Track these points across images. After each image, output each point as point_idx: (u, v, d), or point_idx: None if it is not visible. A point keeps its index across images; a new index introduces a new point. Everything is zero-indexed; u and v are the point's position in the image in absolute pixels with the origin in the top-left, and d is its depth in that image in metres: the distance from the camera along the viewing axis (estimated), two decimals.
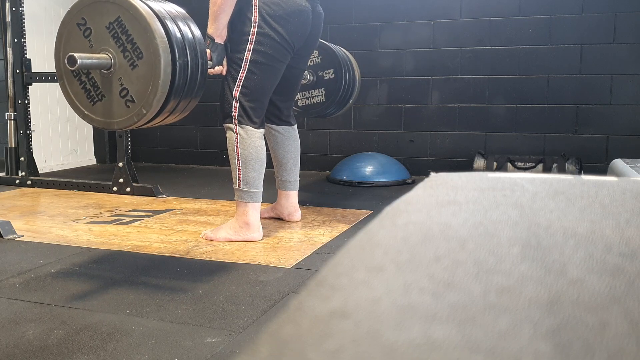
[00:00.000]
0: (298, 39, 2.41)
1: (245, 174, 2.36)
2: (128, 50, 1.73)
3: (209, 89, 4.66)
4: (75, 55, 1.69)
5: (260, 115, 2.41)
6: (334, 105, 3.15)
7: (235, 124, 2.35)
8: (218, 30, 2.29)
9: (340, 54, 3.14)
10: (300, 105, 3.15)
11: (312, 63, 3.06)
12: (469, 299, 0.31)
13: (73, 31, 1.81)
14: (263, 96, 2.41)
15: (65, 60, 1.71)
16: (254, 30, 2.30)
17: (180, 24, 1.84)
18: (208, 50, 2.28)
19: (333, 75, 3.08)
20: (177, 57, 1.76)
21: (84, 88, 1.80)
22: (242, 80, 2.34)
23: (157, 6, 1.80)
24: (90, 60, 1.73)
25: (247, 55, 2.32)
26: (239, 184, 2.37)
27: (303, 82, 2.97)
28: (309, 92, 3.14)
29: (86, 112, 1.80)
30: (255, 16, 2.29)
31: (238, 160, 2.36)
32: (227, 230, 2.41)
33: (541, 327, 0.28)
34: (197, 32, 1.92)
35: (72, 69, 1.72)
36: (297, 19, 2.37)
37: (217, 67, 2.34)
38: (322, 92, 3.12)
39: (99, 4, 1.78)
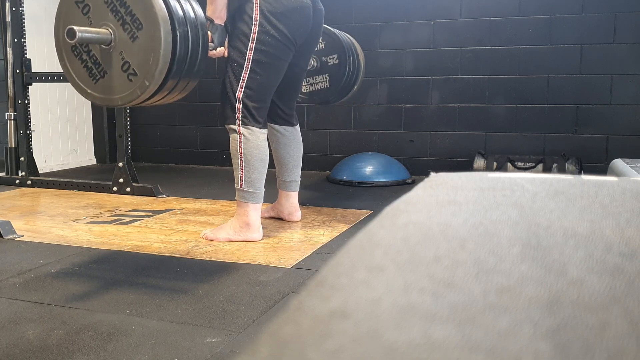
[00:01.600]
0: (300, 35, 2.40)
1: (248, 174, 2.35)
2: (127, 23, 1.73)
3: (210, 89, 4.67)
4: (75, 28, 1.68)
5: (263, 115, 2.41)
6: (338, 92, 3.12)
7: (239, 125, 2.34)
8: (217, 11, 2.27)
9: (345, 39, 3.11)
10: (305, 91, 3.11)
11: (316, 49, 3.04)
12: (469, 299, 0.31)
13: (71, 9, 1.81)
14: (266, 96, 2.40)
15: (65, 33, 1.70)
16: (255, 29, 2.29)
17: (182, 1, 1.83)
18: (209, 33, 2.26)
19: (337, 60, 3.05)
20: (176, 26, 1.75)
21: (85, 66, 1.79)
22: (246, 81, 2.32)
23: None
24: (89, 34, 1.72)
25: (249, 54, 2.30)
26: (241, 184, 2.37)
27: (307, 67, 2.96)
28: (312, 78, 3.11)
29: (89, 91, 1.79)
30: (256, 14, 2.28)
31: (241, 160, 2.35)
32: (227, 230, 2.41)
33: (541, 327, 0.28)
34: (197, 6, 1.92)
35: (72, 42, 1.70)
36: (299, 15, 2.36)
37: (218, 49, 2.33)
38: (326, 78, 3.08)
39: None
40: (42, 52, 4.31)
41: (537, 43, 3.84)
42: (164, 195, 3.40)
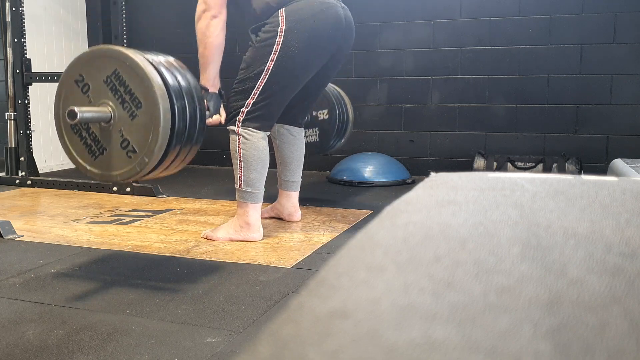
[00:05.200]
0: (328, 38, 2.34)
1: (247, 174, 2.35)
2: (127, 101, 1.76)
3: None
4: (76, 109, 1.71)
5: (269, 122, 2.39)
6: (328, 145, 3.18)
7: (238, 126, 2.34)
8: (209, 80, 2.32)
9: (334, 92, 3.17)
10: None
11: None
12: (469, 299, 0.31)
13: (71, 88, 1.84)
14: (278, 107, 2.38)
15: (66, 114, 1.73)
16: (279, 40, 2.26)
17: (175, 72, 1.87)
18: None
19: (327, 115, 3.12)
20: (174, 102, 1.78)
21: (85, 143, 1.83)
22: (260, 89, 2.30)
23: (151, 56, 1.83)
24: (90, 114, 1.75)
25: (270, 65, 2.27)
26: (240, 185, 2.37)
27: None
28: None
29: (88, 167, 1.83)
30: (282, 25, 2.25)
31: (240, 161, 2.35)
32: (227, 229, 2.42)
33: (541, 327, 0.28)
34: (192, 79, 1.94)
35: (73, 122, 1.73)
36: (324, 16, 2.31)
37: (214, 117, 2.36)
38: (316, 132, 3.15)
39: (96, 59, 1.81)
40: (42, 52, 4.31)
41: (537, 43, 3.84)
42: (164, 195, 3.40)
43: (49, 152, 4.48)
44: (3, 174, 3.79)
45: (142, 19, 4.78)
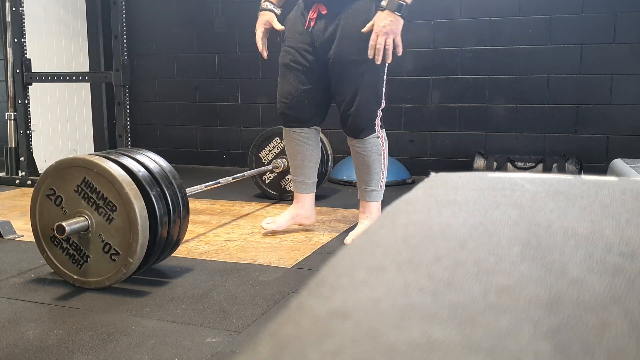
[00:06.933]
0: None
1: (385, 174, 2.44)
2: (101, 207, 1.77)
3: (210, 89, 4.66)
4: (64, 224, 1.73)
5: None
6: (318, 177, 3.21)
7: (379, 131, 2.40)
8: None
9: None
10: (286, 188, 3.27)
11: None
12: (469, 299, 0.31)
13: (44, 203, 1.85)
14: None
15: (54, 231, 1.75)
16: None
17: (146, 162, 1.87)
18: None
19: None
20: (150, 192, 1.79)
21: (67, 254, 1.85)
22: (384, 90, 2.38)
23: (116, 156, 1.84)
24: (76, 225, 1.77)
25: (385, 66, 2.35)
26: (381, 185, 2.43)
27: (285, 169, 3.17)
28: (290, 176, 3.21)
29: (76, 277, 1.85)
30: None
31: (383, 164, 2.42)
32: None
33: (541, 327, 0.28)
34: (165, 164, 1.94)
35: (62, 237, 1.76)
36: None
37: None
38: None
39: (63, 171, 1.81)
40: (42, 52, 4.31)
41: (537, 43, 3.84)
42: None
43: (49, 152, 4.47)
44: (3, 174, 3.79)
45: (142, 19, 4.78)
